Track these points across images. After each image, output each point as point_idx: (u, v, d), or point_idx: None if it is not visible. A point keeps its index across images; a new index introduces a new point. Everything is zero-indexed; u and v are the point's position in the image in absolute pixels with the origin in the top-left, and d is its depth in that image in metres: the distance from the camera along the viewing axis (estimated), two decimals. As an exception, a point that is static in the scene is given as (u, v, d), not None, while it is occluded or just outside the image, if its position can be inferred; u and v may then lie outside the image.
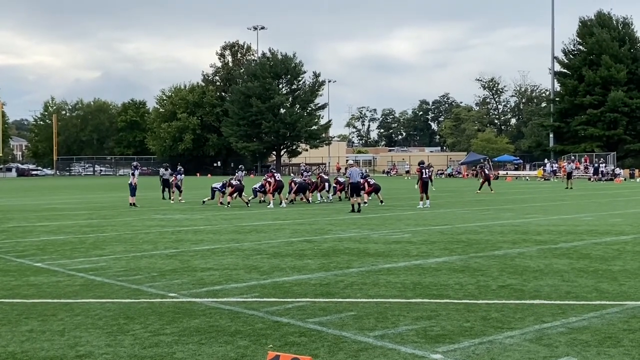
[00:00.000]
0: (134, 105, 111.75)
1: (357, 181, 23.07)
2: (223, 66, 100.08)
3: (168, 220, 20.28)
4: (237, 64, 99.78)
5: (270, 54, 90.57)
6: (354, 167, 24.20)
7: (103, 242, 14.94)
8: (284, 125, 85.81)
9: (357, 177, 23.34)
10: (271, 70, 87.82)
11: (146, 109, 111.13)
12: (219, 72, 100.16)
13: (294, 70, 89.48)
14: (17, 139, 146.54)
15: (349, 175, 23.35)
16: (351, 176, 23.20)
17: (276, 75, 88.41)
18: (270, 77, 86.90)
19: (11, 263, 11.82)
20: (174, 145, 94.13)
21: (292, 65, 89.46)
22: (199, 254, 12.77)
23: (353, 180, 23.03)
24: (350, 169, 24.11)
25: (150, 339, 6.60)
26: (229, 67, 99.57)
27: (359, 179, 23.55)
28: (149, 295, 8.81)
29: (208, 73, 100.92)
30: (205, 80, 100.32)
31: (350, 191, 22.99)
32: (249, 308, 7.96)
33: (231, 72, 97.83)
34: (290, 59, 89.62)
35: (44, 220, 20.91)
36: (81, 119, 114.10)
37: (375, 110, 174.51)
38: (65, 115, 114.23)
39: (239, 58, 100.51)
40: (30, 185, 57.22)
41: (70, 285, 9.65)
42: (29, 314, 7.74)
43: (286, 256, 12.30)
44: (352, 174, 23.28)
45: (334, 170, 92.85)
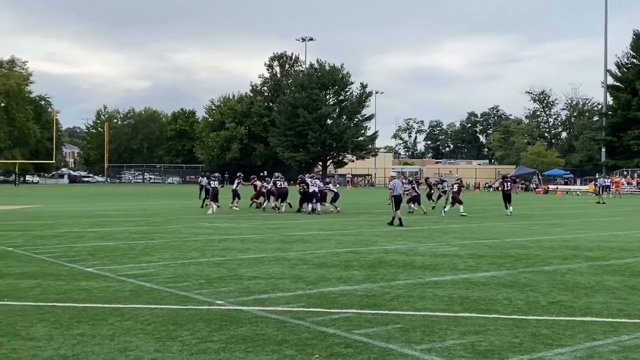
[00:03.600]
0: (184, 114, 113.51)
1: (399, 194, 22.91)
2: (271, 77, 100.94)
3: (215, 229, 20.49)
4: (285, 74, 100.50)
5: (318, 65, 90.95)
6: (397, 179, 24.09)
7: (152, 248, 15.17)
8: (330, 136, 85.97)
9: (399, 189, 23.17)
10: (318, 81, 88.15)
11: (195, 118, 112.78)
12: (267, 83, 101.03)
13: (341, 81, 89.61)
14: (70, 146, 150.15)
15: (392, 187, 23.06)
16: (394, 188, 22.91)
17: (323, 86, 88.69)
18: (318, 88, 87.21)
19: (63, 268, 12.09)
20: (222, 155, 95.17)
21: (340, 76, 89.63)
22: (245, 262, 12.86)
23: (396, 193, 22.81)
24: (393, 180, 23.93)
25: (197, 346, 6.67)
26: (277, 78, 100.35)
27: (401, 191, 23.34)
28: (197, 302, 8.91)
29: (256, 83, 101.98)
30: (254, 90, 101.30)
31: (395, 204, 22.71)
32: (295, 317, 7.98)
33: (279, 83, 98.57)
34: (337, 70, 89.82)
35: (95, 226, 21.35)
36: (132, 127, 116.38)
37: (422, 122, 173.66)
38: (116, 123, 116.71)
39: (287, 69, 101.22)
40: (81, 192, 58.51)
41: (120, 290, 9.82)
42: (80, 318, 7.90)
43: (332, 267, 12.30)
44: (395, 186, 23.02)
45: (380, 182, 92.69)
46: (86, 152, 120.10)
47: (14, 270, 11.68)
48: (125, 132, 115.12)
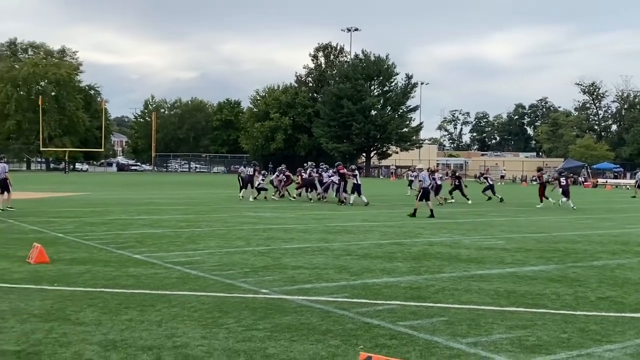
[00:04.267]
0: (229, 104, 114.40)
1: (427, 186, 22.72)
2: (316, 67, 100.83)
3: (259, 218, 20.63)
4: (329, 65, 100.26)
5: (363, 56, 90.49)
6: (425, 172, 23.96)
7: (198, 236, 15.36)
8: (374, 127, 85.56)
9: (428, 181, 22.97)
10: (363, 71, 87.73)
11: (240, 108, 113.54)
12: (311, 74, 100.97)
13: (386, 72, 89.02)
14: (118, 135, 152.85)
15: (422, 180, 22.92)
16: (423, 180, 22.78)
17: (368, 76, 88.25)
18: (362, 79, 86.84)
19: (112, 254, 12.32)
20: (266, 145, 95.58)
21: (385, 67, 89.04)
22: (289, 252, 12.92)
23: (424, 185, 22.59)
24: (422, 173, 23.78)
25: (243, 333, 6.73)
26: (322, 69, 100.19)
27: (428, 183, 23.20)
28: (242, 291, 8.98)
29: (301, 74, 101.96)
30: (298, 81, 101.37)
31: (421, 196, 22.59)
32: (340, 308, 7.98)
33: (323, 74, 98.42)
34: (383, 61, 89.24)
35: (143, 214, 21.71)
36: (179, 117, 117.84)
37: (468, 114, 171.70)
38: (164, 113, 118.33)
39: (332, 59, 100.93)
40: (129, 180, 59.50)
41: (168, 277, 9.97)
42: (129, 304, 8.04)
43: (376, 258, 12.26)
44: (424, 178, 22.87)
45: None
46: (134, 141, 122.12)
47: (64, 256, 11.95)
48: (172, 122, 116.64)
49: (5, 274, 10.03)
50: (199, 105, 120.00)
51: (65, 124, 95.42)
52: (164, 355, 5.96)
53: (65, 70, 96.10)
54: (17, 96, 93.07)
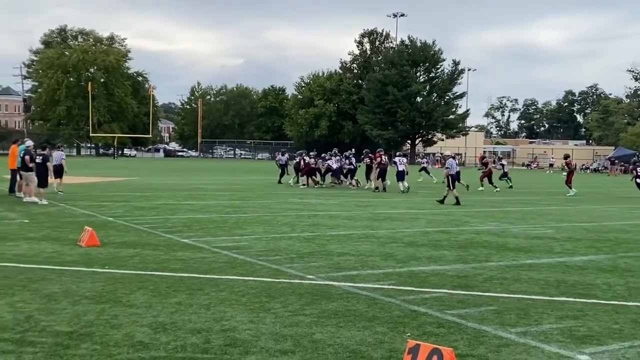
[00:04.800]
0: (274, 91, 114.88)
1: (454, 173, 22.46)
2: (361, 54, 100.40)
3: (304, 205, 20.68)
4: (375, 51, 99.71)
5: (409, 42, 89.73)
6: (452, 159, 23.74)
7: (244, 222, 15.48)
8: (419, 114, 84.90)
9: (455, 168, 22.78)
10: (409, 58, 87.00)
11: (285, 95, 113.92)
12: (356, 60, 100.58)
13: (432, 58, 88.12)
14: (165, 121, 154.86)
15: (449, 167, 22.71)
16: (451, 167, 22.45)
17: (414, 63, 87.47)
18: (408, 65, 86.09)
19: (161, 238, 12.51)
20: (310, 132, 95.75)
21: (431, 52, 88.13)
22: (335, 238, 12.92)
23: (452, 172, 22.32)
24: (449, 160, 23.58)
25: (290, 319, 6.76)
26: (367, 55, 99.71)
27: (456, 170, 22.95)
28: (289, 276, 9.02)
29: (346, 61, 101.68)
30: (343, 67, 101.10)
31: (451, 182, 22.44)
32: (386, 295, 7.95)
33: (369, 60, 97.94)
34: (429, 47, 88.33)
35: (190, 199, 21.97)
36: (224, 103, 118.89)
37: (516, 101, 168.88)
38: (210, 100, 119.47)
39: (377, 46, 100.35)
40: (176, 166, 60.29)
41: (215, 261, 10.07)
42: (178, 287, 8.15)
43: (422, 246, 12.18)
44: (452, 165, 22.59)
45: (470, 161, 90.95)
46: (180, 127, 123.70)
47: (114, 239, 12.18)
48: (217, 109, 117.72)
49: (57, 256, 10.27)
50: (244, 92, 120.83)
51: (114, 110, 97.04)
52: (213, 338, 6.03)
53: (114, 57, 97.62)
54: (67, 82, 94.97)
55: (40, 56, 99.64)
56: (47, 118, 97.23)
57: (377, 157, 28.24)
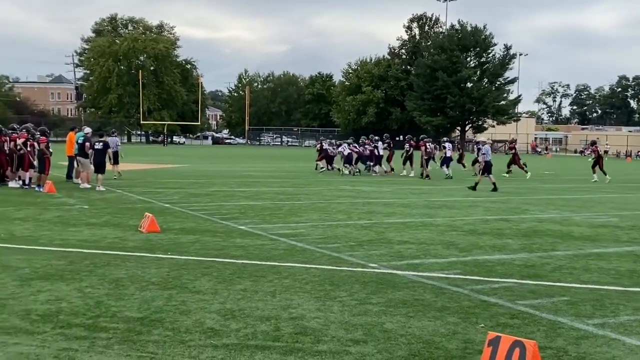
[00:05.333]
0: (321, 78, 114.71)
1: (489, 159, 22.08)
2: (409, 39, 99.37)
3: (357, 192, 20.54)
4: (424, 36, 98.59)
5: (459, 26, 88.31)
6: (487, 145, 23.27)
7: (299, 209, 15.42)
8: (470, 100, 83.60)
9: (490, 154, 22.38)
10: (459, 42, 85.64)
11: (332, 82, 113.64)
12: (405, 45, 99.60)
13: (483, 43, 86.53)
14: (213, 109, 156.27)
15: (484, 153, 22.33)
16: (487, 153, 22.15)
17: (464, 48, 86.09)
18: (458, 50, 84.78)
19: (218, 225, 12.53)
20: (358, 118, 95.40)
21: (482, 37, 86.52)
22: (392, 226, 12.75)
23: (487, 158, 21.98)
24: (484, 146, 23.12)
25: (358, 307, 6.65)
26: (416, 40, 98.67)
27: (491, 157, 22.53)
28: (350, 264, 8.91)
29: (394, 46, 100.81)
30: (391, 53, 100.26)
31: (484, 169, 22.10)
32: (453, 285, 7.77)
33: (418, 45, 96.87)
34: (480, 31, 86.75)
35: (243, 186, 22.05)
36: (271, 91, 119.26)
37: (568, 86, 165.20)
38: (257, 87, 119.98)
39: (427, 31, 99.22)
40: (225, 153, 60.80)
41: (275, 249, 10.02)
42: (241, 274, 8.11)
43: (483, 234, 11.92)
44: (487, 151, 22.27)
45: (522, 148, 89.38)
46: (228, 114, 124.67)
47: (173, 225, 12.25)
48: (264, 96, 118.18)
49: (120, 242, 10.37)
50: (291, 79, 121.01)
51: (163, 97, 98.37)
52: (282, 325, 5.96)
53: (163, 45, 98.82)
54: (117, 71, 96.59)
55: (91, 45, 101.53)
56: (98, 106, 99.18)
57: (422, 146, 27.87)
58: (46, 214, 13.48)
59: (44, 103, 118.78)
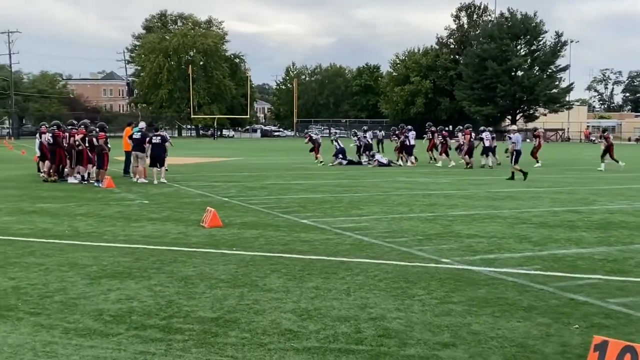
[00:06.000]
0: (368, 69, 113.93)
1: (519, 148, 21.73)
2: (458, 28, 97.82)
3: (414, 183, 20.13)
4: (472, 25, 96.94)
5: (509, 14, 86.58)
6: (518, 133, 22.76)
7: (359, 202, 15.12)
8: (520, 89, 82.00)
9: (520, 143, 21.98)
10: (509, 31, 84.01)
11: (380, 73, 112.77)
12: (453, 35, 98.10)
13: (534, 30, 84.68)
14: (261, 102, 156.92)
15: (515, 141, 21.89)
16: (517, 142, 21.77)
17: (514, 36, 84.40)
18: (508, 39, 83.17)
19: (279, 219, 12.31)
20: (406, 109, 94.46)
21: (532, 25, 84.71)
22: (458, 219, 12.34)
23: (517, 147, 21.67)
24: (515, 134, 22.66)
25: (439, 307, 6.31)
26: (464, 29, 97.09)
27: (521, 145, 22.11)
28: (422, 260, 8.57)
29: (442, 36, 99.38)
30: (439, 43, 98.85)
31: (515, 158, 21.64)
32: (535, 281, 7.36)
33: (466, 34, 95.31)
34: (530, 19, 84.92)
35: (297, 178, 21.85)
36: (319, 83, 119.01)
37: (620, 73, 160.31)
38: (304, 79, 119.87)
39: (475, 19, 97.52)
40: (275, 146, 60.84)
41: (341, 243, 9.74)
42: (310, 271, 7.86)
43: (555, 227, 11.42)
44: (517, 140, 21.89)
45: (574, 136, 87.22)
46: (276, 107, 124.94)
47: (235, 220, 12.08)
48: (312, 88, 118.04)
49: (184, 237, 10.23)
50: (338, 71, 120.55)
51: (213, 92, 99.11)
52: (363, 327, 5.67)
53: (212, 39, 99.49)
54: (168, 66, 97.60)
55: (142, 41, 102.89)
56: (149, 101, 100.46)
57: (467, 135, 27.48)
58: (107, 210, 13.48)
59: (96, 99, 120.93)
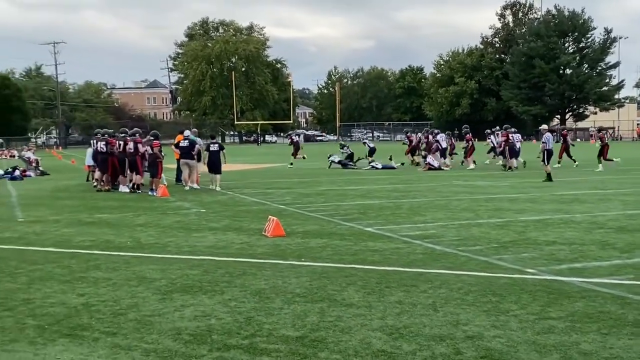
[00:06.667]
0: (412, 71, 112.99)
1: (550, 147, 21.25)
2: (503, 27, 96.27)
3: (472, 187, 19.55)
4: (518, 24, 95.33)
5: (556, 11, 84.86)
6: (549, 133, 22.11)
7: (419, 207, 14.64)
8: (569, 87, 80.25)
9: (551, 143, 21.47)
10: (556, 28, 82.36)
11: (423, 74, 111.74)
12: (498, 34, 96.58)
13: (582, 27, 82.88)
14: (302, 107, 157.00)
15: (546, 141, 21.34)
16: (547, 142, 21.26)
17: (562, 33, 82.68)
18: (555, 36, 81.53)
19: (342, 226, 11.92)
20: (451, 110, 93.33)
21: (580, 21, 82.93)
22: (530, 224, 11.77)
23: (548, 147, 21.18)
24: (546, 134, 22.00)
25: (538, 323, 5.83)
26: (510, 28, 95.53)
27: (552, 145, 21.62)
28: (504, 270, 8.08)
29: (487, 35, 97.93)
30: (484, 42, 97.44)
31: (547, 158, 21.13)
32: (633, 292, 6.83)
33: (512, 33, 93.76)
34: (578, 15, 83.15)
35: (350, 184, 21.44)
36: (361, 86, 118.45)
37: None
38: (346, 83, 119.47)
39: (520, 17, 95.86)
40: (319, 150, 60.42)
41: (412, 252, 9.30)
42: (388, 283, 7.44)
43: (635, 231, 10.78)
44: (548, 140, 21.35)
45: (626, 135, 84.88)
46: (319, 112, 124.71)
47: (297, 228, 11.73)
48: (354, 92, 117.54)
49: (248, 248, 9.91)
50: (380, 74, 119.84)
51: (255, 97, 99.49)
52: (462, 347, 5.23)
53: (254, 45, 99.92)
54: (211, 73, 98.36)
55: (185, 49, 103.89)
56: (192, 108, 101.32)
57: (504, 137, 26.78)
58: (166, 219, 13.28)
59: (141, 108, 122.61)
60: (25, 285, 7.73)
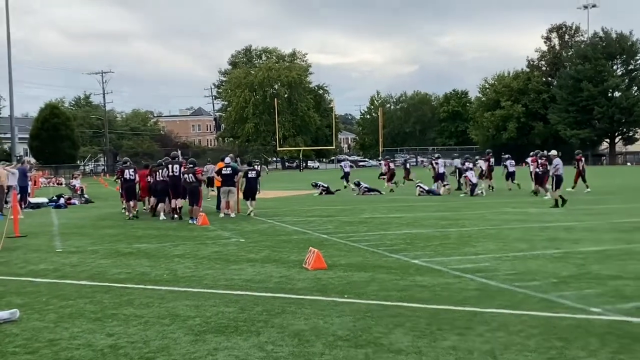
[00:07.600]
0: (456, 95, 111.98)
1: (560, 173, 20.80)
2: (549, 50, 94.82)
3: (525, 214, 18.71)
4: (564, 46, 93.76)
5: (603, 33, 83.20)
6: (558, 158, 21.47)
7: (469, 237, 13.92)
8: (619, 110, 78.31)
9: (562, 168, 20.94)
10: (604, 50, 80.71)
11: (468, 98, 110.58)
12: (544, 57, 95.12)
13: (630, 49, 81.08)
14: (344, 132, 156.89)
15: (556, 166, 20.77)
16: (558, 168, 20.76)
17: (610, 55, 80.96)
18: (603, 59, 79.86)
19: (388, 259, 11.30)
20: (497, 135, 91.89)
21: (629, 43, 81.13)
22: (590, 256, 10.97)
23: (559, 173, 20.73)
24: (555, 159, 21.34)
25: (614, 376, 5.14)
26: (556, 51, 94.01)
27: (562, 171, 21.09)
28: (567, 309, 7.36)
29: (533, 58, 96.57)
30: (530, 65, 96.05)
31: (556, 183, 20.85)
32: None
33: (558, 56, 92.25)
34: (626, 37, 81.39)
35: (395, 211, 20.79)
36: (404, 111, 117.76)
37: None
38: (389, 108, 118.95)
39: (567, 40, 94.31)
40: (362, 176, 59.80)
41: (465, 289, 8.63)
42: (440, 325, 6.80)
43: None
44: (558, 166, 20.83)
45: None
46: (361, 137, 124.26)
47: (339, 260, 11.15)
48: (398, 116, 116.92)
49: (288, 282, 9.37)
50: (423, 98, 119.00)
51: (297, 124, 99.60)
52: (528, 406, 4.58)
53: (296, 72, 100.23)
54: (254, 100, 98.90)
55: (228, 76, 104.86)
56: (236, 135, 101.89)
57: (533, 162, 26.10)
58: (204, 250, 12.84)
59: (185, 135, 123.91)
60: (53, 323, 7.32)
